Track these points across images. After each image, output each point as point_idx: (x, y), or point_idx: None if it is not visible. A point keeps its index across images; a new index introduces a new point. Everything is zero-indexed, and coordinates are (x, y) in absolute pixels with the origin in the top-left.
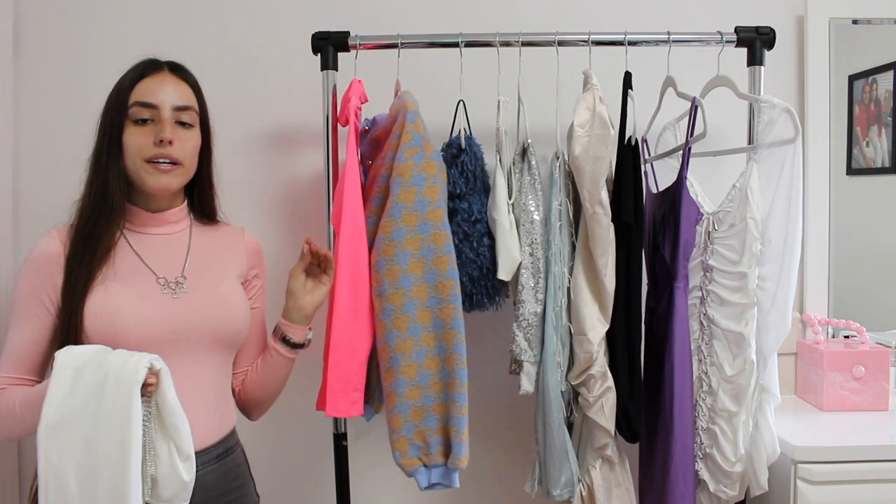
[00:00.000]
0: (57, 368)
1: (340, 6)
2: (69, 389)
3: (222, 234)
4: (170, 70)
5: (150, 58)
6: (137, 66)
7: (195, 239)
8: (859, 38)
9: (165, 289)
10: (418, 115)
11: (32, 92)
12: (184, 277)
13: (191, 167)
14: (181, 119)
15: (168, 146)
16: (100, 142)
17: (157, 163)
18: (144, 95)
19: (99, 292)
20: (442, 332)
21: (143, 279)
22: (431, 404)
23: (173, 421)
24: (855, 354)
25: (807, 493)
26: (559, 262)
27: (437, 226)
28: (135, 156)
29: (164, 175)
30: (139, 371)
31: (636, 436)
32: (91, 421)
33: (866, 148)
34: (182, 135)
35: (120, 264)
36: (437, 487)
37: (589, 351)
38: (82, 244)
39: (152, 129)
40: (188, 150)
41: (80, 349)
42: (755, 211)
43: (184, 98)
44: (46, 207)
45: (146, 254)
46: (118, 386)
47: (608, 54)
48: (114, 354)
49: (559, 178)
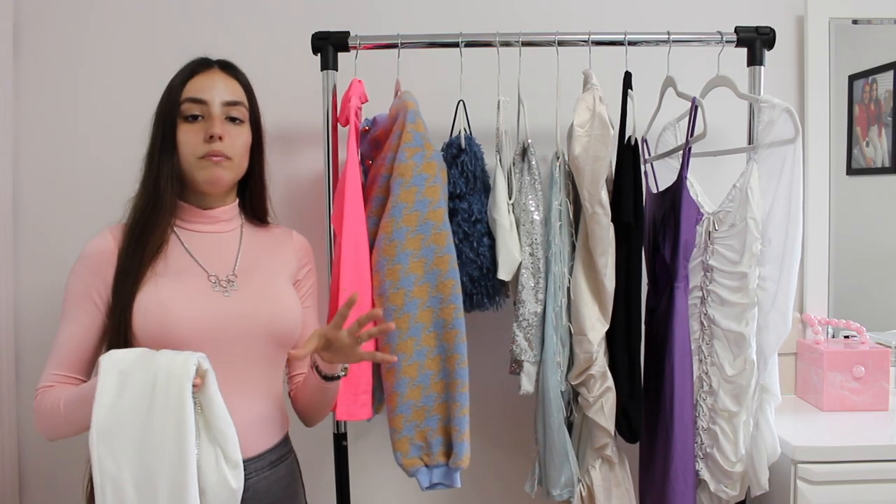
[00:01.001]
0: (102, 372)
1: (340, 6)
2: (116, 393)
3: (273, 235)
4: (220, 68)
5: (201, 57)
6: (188, 64)
7: (246, 239)
8: (859, 38)
9: (216, 287)
10: (419, 114)
11: (32, 92)
12: (235, 276)
13: (241, 163)
14: (231, 115)
15: (218, 142)
16: (153, 140)
17: (208, 158)
18: (194, 92)
19: (150, 288)
20: (443, 332)
21: (195, 277)
22: (432, 404)
23: (219, 425)
24: (855, 354)
25: (807, 493)
26: (559, 262)
27: (437, 226)
28: (188, 154)
29: (215, 167)
30: (189, 368)
31: (636, 436)
32: (142, 424)
33: (866, 148)
34: (232, 131)
35: (171, 261)
36: (439, 487)
37: (589, 351)
38: (134, 240)
39: (203, 125)
40: (238, 146)
41: (122, 353)
42: (755, 211)
43: (233, 94)
44: (46, 208)
45: (197, 251)
46: (169, 385)
47: (608, 54)
48: (160, 355)
49: (559, 177)
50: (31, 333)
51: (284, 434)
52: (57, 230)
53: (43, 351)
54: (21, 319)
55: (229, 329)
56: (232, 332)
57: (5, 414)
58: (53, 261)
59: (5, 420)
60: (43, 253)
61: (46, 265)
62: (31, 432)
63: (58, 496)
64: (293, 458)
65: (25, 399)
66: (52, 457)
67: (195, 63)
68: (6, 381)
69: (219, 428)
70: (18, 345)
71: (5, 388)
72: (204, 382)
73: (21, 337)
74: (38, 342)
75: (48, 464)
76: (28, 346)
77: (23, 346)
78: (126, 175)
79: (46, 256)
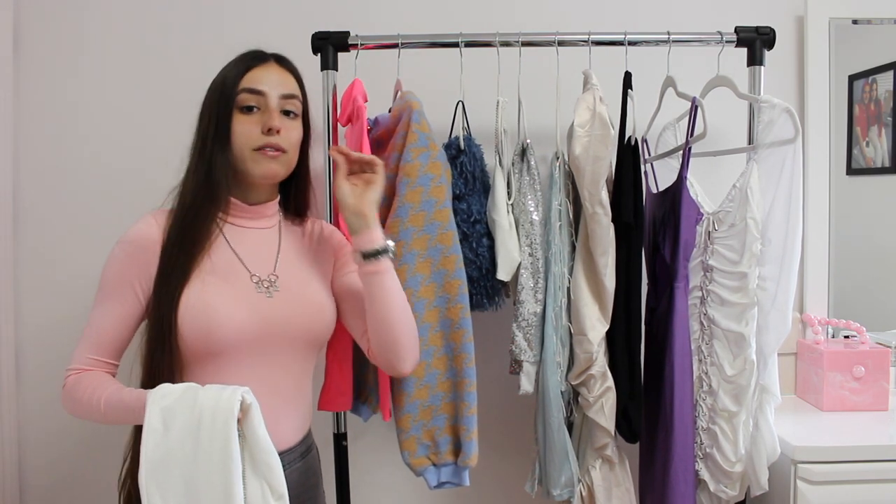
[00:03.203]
0: (148, 410)
1: (340, 6)
2: (164, 430)
3: (307, 231)
4: (276, 61)
5: (255, 49)
6: (243, 56)
7: (285, 236)
8: (859, 38)
9: (259, 288)
10: (423, 114)
11: (33, 90)
12: (276, 276)
13: (293, 157)
14: (286, 108)
15: (276, 135)
16: (204, 129)
17: (264, 150)
18: (252, 82)
19: (196, 285)
20: (450, 332)
21: (239, 277)
22: (440, 403)
23: (265, 458)
24: (855, 354)
25: (807, 493)
26: (559, 262)
27: (444, 225)
28: (243, 145)
29: (270, 161)
30: (233, 404)
31: (636, 436)
32: (190, 461)
33: (866, 148)
34: (288, 124)
35: (216, 258)
36: (447, 486)
37: (589, 351)
38: (182, 232)
39: (259, 117)
40: (293, 140)
41: (167, 388)
42: (755, 211)
43: (289, 87)
44: (46, 207)
45: (240, 248)
46: (214, 422)
47: (608, 54)
48: (204, 392)
49: (559, 178)
50: (31, 333)
51: (309, 427)
52: (57, 230)
53: (43, 351)
54: (21, 319)
55: (271, 333)
56: (273, 335)
57: (5, 414)
58: (53, 260)
59: (5, 420)
60: (43, 253)
61: (46, 265)
62: (31, 432)
63: (58, 496)
64: (316, 450)
65: (25, 399)
66: (52, 457)
67: (251, 56)
68: (6, 381)
69: (264, 461)
70: (18, 345)
71: (5, 388)
72: (248, 416)
73: (21, 337)
74: (39, 342)
75: (48, 464)
76: (28, 346)
77: (23, 346)
78: (126, 175)
79: (46, 256)
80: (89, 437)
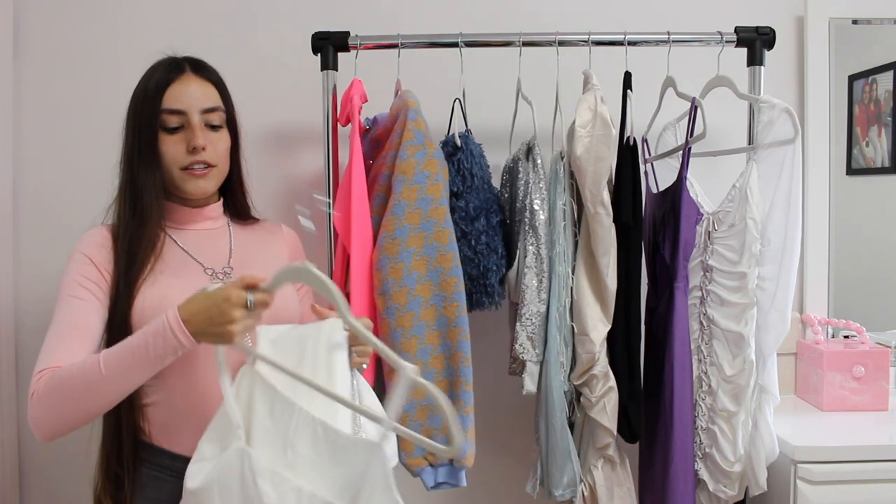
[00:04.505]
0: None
1: (340, 6)
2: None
3: (262, 229)
4: (192, 71)
5: (170, 57)
6: (159, 68)
7: (235, 234)
8: (859, 38)
9: (214, 279)
10: (420, 113)
11: (33, 91)
12: (231, 268)
13: (224, 167)
14: (210, 122)
15: (202, 152)
16: (130, 147)
17: (192, 169)
18: (172, 102)
19: (149, 287)
20: (447, 330)
21: (192, 270)
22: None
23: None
24: (855, 354)
25: (807, 493)
26: (563, 262)
27: (440, 223)
28: (170, 165)
29: (200, 179)
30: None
31: (636, 436)
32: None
33: (866, 148)
34: (213, 137)
35: (168, 258)
36: (444, 486)
37: (591, 351)
38: (125, 252)
39: (184, 136)
40: (220, 152)
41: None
42: (755, 211)
43: (210, 100)
44: (47, 207)
45: (191, 248)
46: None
47: (608, 54)
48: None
49: (563, 177)
50: (31, 334)
51: None
52: (57, 230)
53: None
54: (21, 319)
55: None
56: None
57: (5, 414)
58: (53, 260)
59: (5, 420)
60: (43, 252)
61: (46, 265)
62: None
63: (58, 496)
64: None
65: (25, 399)
66: (52, 457)
67: (166, 68)
68: (6, 381)
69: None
70: (18, 345)
71: (5, 388)
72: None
73: (21, 337)
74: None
75: (48, 464)
76: (28, 347)
77: (23, 346)
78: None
79: (46, 256)
80: (89, 437)
